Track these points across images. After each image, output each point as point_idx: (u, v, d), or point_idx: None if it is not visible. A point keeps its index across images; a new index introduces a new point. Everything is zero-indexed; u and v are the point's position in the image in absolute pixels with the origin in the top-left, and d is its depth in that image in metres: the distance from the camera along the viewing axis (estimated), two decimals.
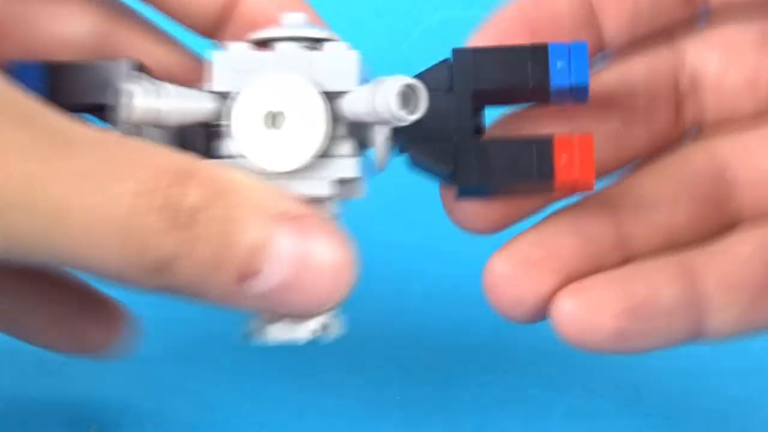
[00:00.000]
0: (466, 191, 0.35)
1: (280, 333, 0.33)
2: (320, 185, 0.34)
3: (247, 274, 0.30)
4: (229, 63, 0.34)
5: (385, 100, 0.31)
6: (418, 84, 0.31)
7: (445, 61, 0.35)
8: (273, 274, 0.30)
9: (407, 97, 0.31)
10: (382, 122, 0.32)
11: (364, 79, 0.35)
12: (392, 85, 0.31)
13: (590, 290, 0.34)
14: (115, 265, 0.30)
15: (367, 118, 0.32)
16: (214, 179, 0.30)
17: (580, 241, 0.35)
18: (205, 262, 0.30)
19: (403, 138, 0.35)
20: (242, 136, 0.34)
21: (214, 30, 0.38)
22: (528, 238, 0.35)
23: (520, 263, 0.35)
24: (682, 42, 0.37)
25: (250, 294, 0.30)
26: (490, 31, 0.36)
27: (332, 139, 0.34)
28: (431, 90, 0.33)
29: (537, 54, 0.34)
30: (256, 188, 0.31)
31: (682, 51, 0.37)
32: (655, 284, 0.34)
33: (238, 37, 0.36)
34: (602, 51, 0.37)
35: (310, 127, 0.33)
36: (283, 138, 0.33)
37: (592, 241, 0.35)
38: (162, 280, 0.30)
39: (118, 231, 0.29)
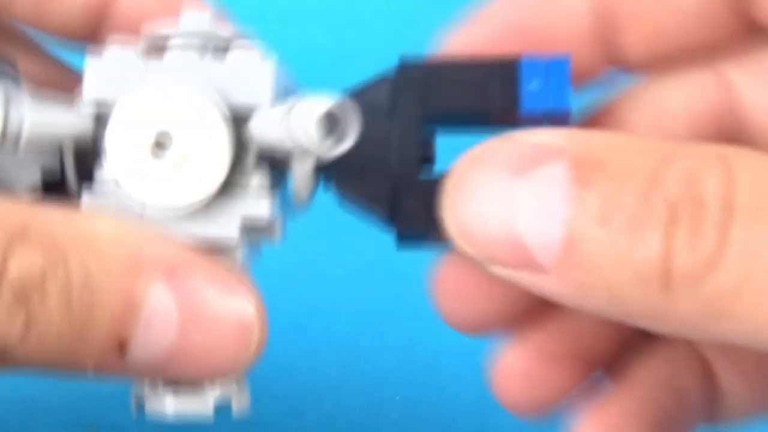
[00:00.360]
0: (407, 238, 0.29)
1: (174, 404, 0.28)
2: (222, 226, 0.27)
3: (120, 343, 0.25)
4: (103, 70, 0.28)
5: (303, 126, 0.26)
6: (346, 106, 0.26)
7: (386, 74, 0.29)
8: (152, 339, 0.25)
9: (333, 121, 0.26)
10: (300, 153, 0.27)
11: (284, 95, 0.28)
12: (313, 108, 0.26)
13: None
14: None
15: (282, 147, 0.27)
16: (52, 236, 0.25)
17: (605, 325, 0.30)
18: (56, 340, 0.25)
19: (330, 168, 0.28)
20: (118, 162, 0.27)
21: (89, 34, 0.32)
22: (546, 326, 0.30)
23: (538, 357, 0.30)
24: (725, 65, 0.30)
25: (131, 363, 0.26)
26: (471, 34, 0.29)
27: (238, 167, 0.27)
28: (368, 111, 0.28)
29: (505, 71, 0.28)
30: (116, 236, 0.26)
31: (724, 77, 0.30)
32: None
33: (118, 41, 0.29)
34: (618, 67, 0.30)
35: (208, 153, 0.27)
36: (171, 167, 0.27)
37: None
38: (10, 363, 0.25)
39: None
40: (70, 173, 0.28)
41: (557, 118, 0.28)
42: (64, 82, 0.32)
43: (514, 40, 0.29)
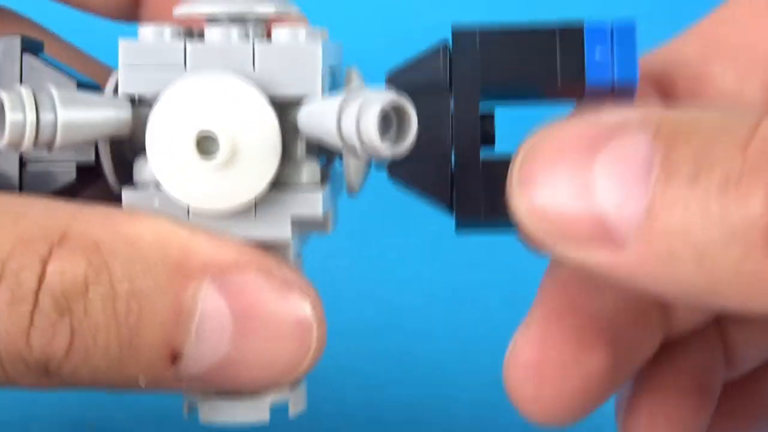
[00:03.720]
0: (467, 223, 0.27)
1: (231, 413, 0.26)
2: (273, 227, 0.25)
3: (172, 353, 0.24)
4: (139, 55, 0.26)
5: (359, 125, 0.23)
6: (407, 104, 0.23)
7: (438, 47, 0.27)
8: (205, 347, 0.24)
9: (388, 120, 0.23)
10: (352, 152, 0.24)
11: (331, 73, 0.26)
12: (371, 107, 0.22)
13: None
14: None
15: (335, 143, 0.24)
16: (93, 241, 0.23)
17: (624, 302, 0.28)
18: (103, 353, 0.23)
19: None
20: (161, 162, 0.25)
21: (129, 11, 0.31)
22: (563, 313, 0.27)
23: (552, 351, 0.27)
24: None
25: (185, 375, 0.24)
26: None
27: (286, 159, 0.25)
28: (422, 88, 0.26)
29: (568, 39, 0.26)
30: (160, 238, 0.24)
31: None
32: None
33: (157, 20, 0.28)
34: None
35: (257, 151, 0.25)
36: (217, 166, 0.24)
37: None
38: (57, 381, 0.24)
39: None
40: (108, 169, 0.27)
41: (624, 89, 0.26)
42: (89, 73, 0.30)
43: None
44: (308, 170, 0.26)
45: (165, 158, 0.25)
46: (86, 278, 0.23)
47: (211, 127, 0.24)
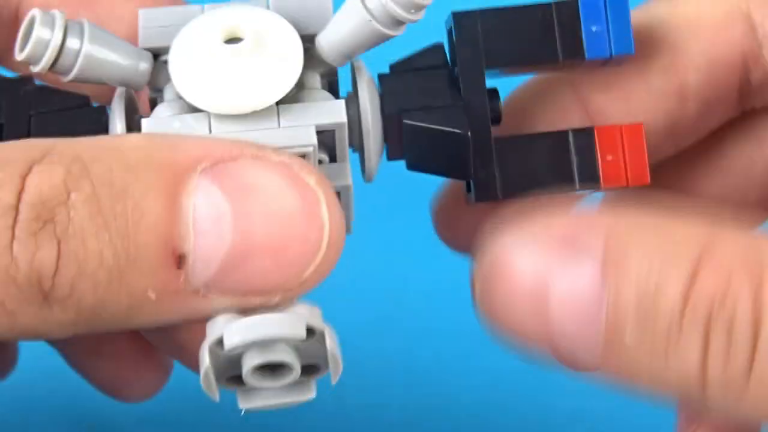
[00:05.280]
0: (485, 199, 0.27)
1: (271, 395, 0.24)
2: (297, 134, 0.24)
3: (176, 257, 0.22)
4: (159, 17, 0.26)
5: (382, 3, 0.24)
6: None
7: (437, 43, 0.28)
8: (208, 245, 0.22)
9: None
10: (378, 35, 0.25)
11: None
12: None
13: None
14: None
15: (362, 37, 0.25)
16: (74, 153, 0.22)
17: None
18: (98, 261, 0.21)
19: (395, 136, 0.26)
20: (184, 69, 0.25)
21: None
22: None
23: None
24: None
25: (196, 281, 0.22)
26: None
27: (305, 91, 0.26)
28: (427, 74, 0.27)
29: (565, 12, 0.27)
30: (146, 140, 0.22)
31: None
32: None
33: None
34: None
35: (281, 49, 0.25)
36: (243, 56, 0.24)
37: None
38: (59, 308, 0.22)
39: None
40: (118, 119, 0.26)
41: (620, 58, 0.27)
42: None
43: None
44: (328, 95, 0.26)
45: (188, 57, 0.24)
46: (66, 184, 0.21)
47: (237, 23, 0.24)
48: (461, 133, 0.26)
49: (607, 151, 0.27)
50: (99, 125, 0.26)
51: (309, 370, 0.24)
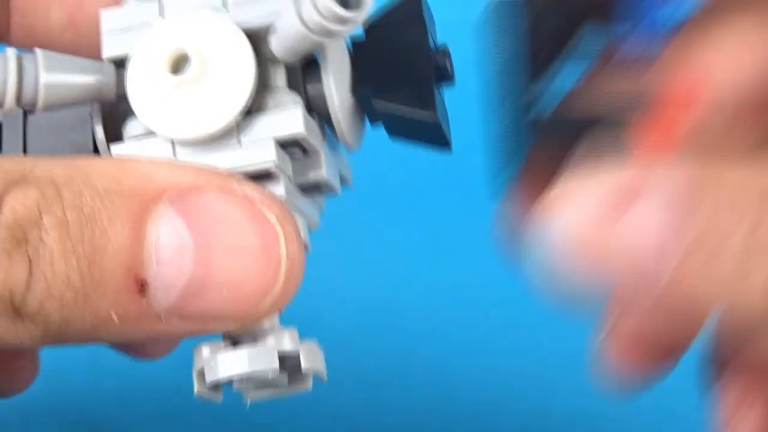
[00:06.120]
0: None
1: (237, 364, 0.24)
2: (257, 151, 0.25)
3: (138, 282, 0.23)
4: (119, 19, 0.26)
5: (319, 7, 0.23)
6: None
7: None
8: (168, 273, 0.23)
9: None
10: (320, 34, 0.24)
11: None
12: None
13: None
14: None
15: (306, 44, 0.25)
16: (49, 176, 0.23)
17: None
18: (65, 283, 0.22)
19: (367, 87, 0.26)
20: (140, 96, 0.25)
21: None
22: None
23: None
24: None
25: (156, 306, 0.23)
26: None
27: (267, 91, 0.26)
28: (402, 33, 0.26)
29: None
30: (115, 167, 0.23)
31: None
32: None
33: None
34: None
35: (230, 72, 0.25)
36: (190, 84, 0.25)
37: None
38: (30, 323, 0.23)
39: None
40: (99, 136, 0.27)
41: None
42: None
43: None
44: (290, 98, 0.26)
45: (141, 85, 0.25)
46: (39, 207, 0.22)
47: (182, 45, 0.25)
48: (428, 120, 0.26)
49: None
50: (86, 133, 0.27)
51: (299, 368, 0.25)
